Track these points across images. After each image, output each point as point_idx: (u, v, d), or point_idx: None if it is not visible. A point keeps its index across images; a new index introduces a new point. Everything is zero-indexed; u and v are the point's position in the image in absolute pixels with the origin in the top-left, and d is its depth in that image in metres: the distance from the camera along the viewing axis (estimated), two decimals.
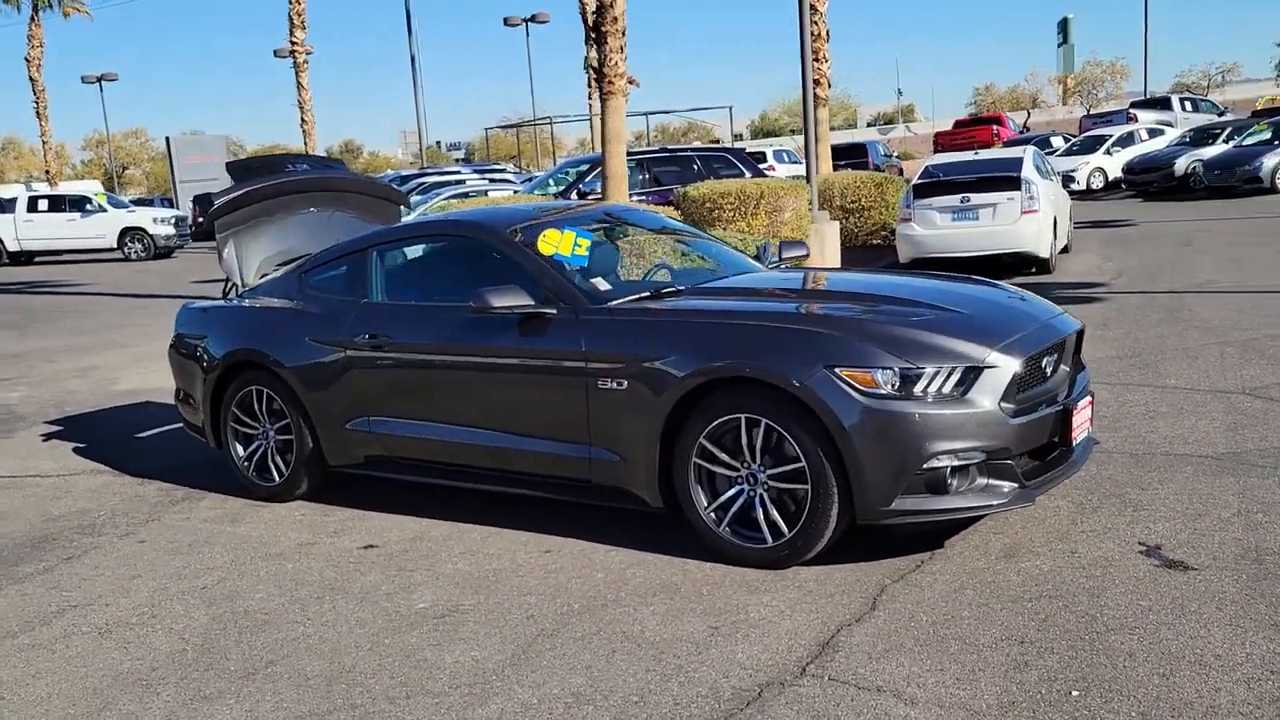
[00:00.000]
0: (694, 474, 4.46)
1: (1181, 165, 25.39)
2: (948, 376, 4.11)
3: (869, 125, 68.17)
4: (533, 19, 41.64)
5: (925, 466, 4.06)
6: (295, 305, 5.83)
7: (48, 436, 8.03)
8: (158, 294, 18.70)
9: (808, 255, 6.17)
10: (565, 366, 4.74)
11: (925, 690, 3.28)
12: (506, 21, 42.03)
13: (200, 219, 37.14)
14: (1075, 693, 3.19)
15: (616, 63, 11.65)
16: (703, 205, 12.67)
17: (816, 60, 18.39)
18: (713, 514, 4.45)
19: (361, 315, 5.49)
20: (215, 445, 6.17)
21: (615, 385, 4.59)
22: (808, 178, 13.62)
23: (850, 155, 28.24)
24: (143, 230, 29.55)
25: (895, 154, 37.30)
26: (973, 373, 4.13)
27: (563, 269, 5.05)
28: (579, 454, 4.77)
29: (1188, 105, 33.09)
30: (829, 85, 18.44)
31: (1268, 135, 24.19)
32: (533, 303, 4.84)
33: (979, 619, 3.74)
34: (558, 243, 5.22)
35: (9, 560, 5.26)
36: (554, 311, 4.83)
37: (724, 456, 4.40)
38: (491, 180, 21.05)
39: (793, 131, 60.19)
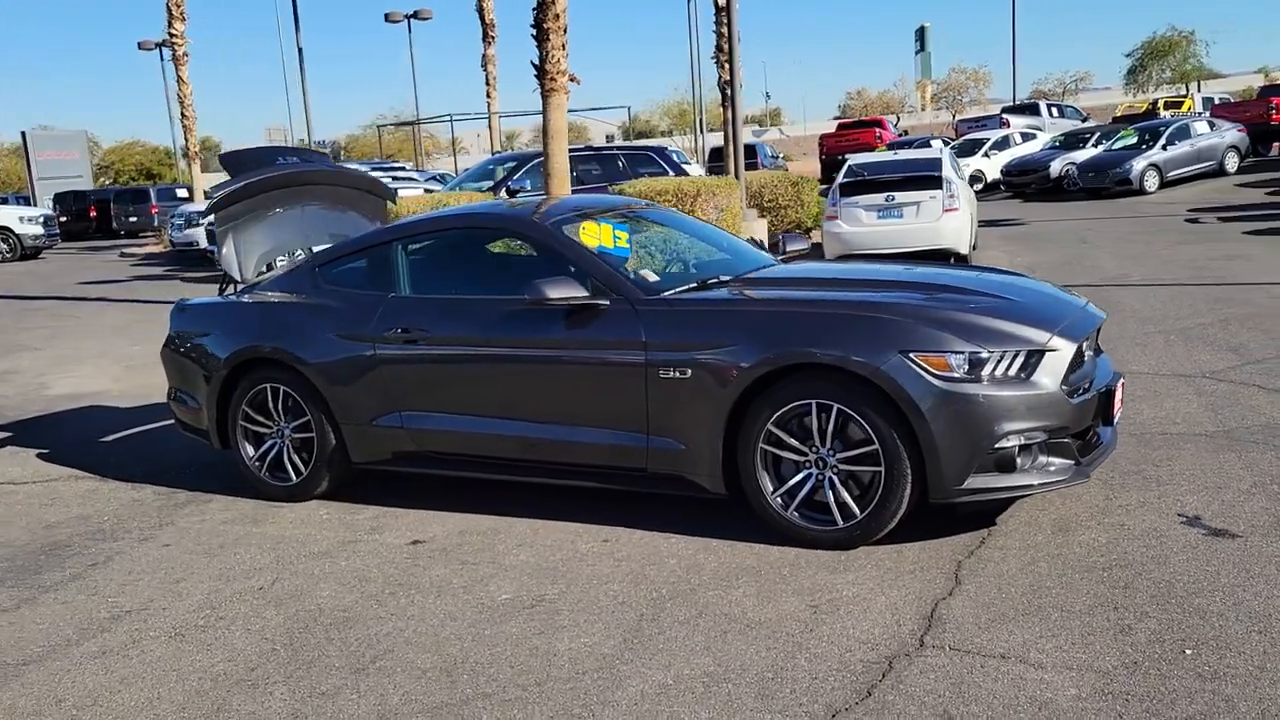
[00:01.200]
0: (760, 459, 4.57)
1: (1056, 168, 26.69)
2: (1013, 360, 4.32)
3: (755, 125, 69.31)
4: (415, 15, 41.02)
5: (997, 446, 4.27)
6: (312, 300, 5.71)
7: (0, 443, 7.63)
8: (44, 295, 17.82)
9: (809, 249, 6.36)
10: (623, 357, 4.79)
11: (1047, 655, 3.47)
12: (388, 18, 41.28)
13: (64, 218, 35.28)
14: (1188, 651, 3.42)
15: (559, 60, 11.65)
16: None
17: (729, 62, 18.70)
18: (779, 499, 4.57)
19: (391, 309, 5.42)
20: (220, 445, 5.99)
21: (678, 374, 4.67)
22: (736, 175, 13.86)
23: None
24: (8, 230, 28.07)
25: (780, 155, 38.11)
26: (1035, 356, 4.35)
27: (611, 261, 5.10)
28: (635, 443, 4.83)
29: (1054, 111, 34.83)
30: (742, 86, 18.76)
31: (1134, 140, 25.63)
32: (587, 294, 4.88)
33: (1064, 589, 3.95)
34: (598, 235, 5.27)
35: (29, 569, 5.02)
36: (607, 303, 4.88)
37: (792, 441, 4.52)
38: (394, 179, 20.71)
39: (668, 133, 60.74)
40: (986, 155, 29.32)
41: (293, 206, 6.51)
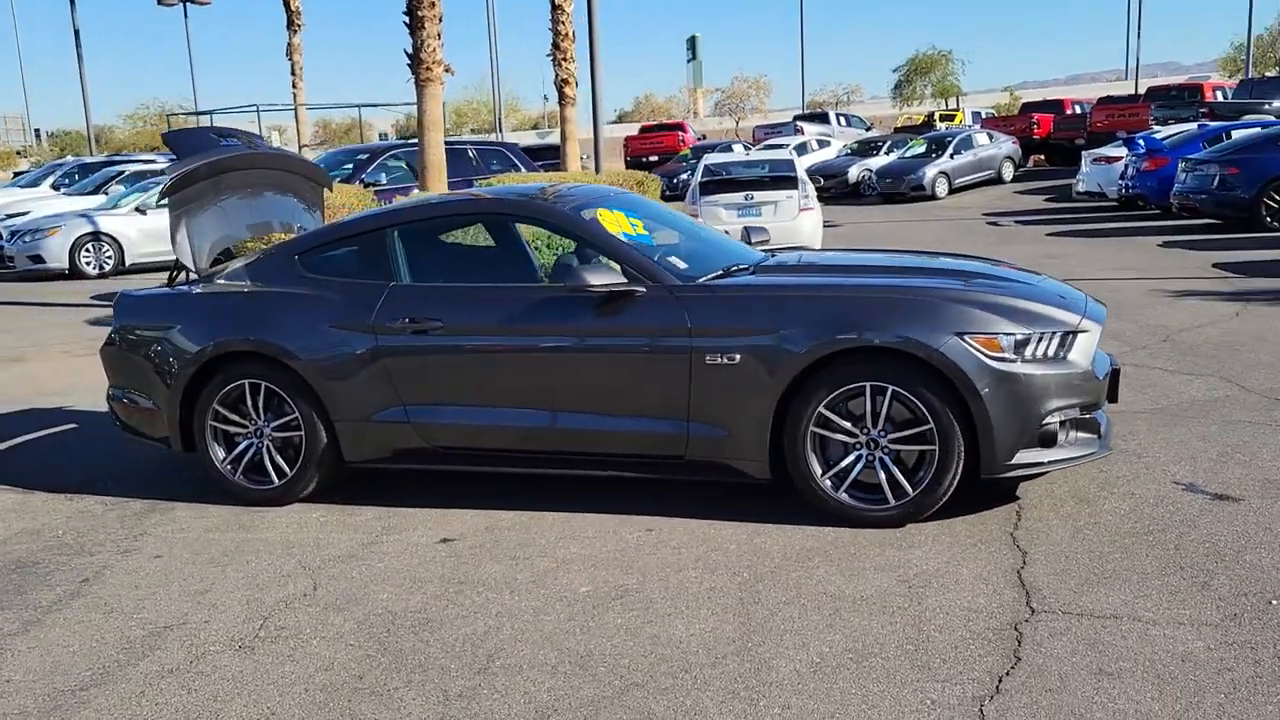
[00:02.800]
0: (810, 442, 4.66)
1: (854, 173, 28.19)
2: (1051, 339, 4.59)
3: (533, 129, 69.24)
4: None
5: (1043, 423, 4.53)
6: (295, 290, 5.36)
7: None
8: None
9: (769, 239, 6.49)
10: (666, 344, 4.76)
11: (1153, 613, 3.71)
12: (161, 1, 38.84)
13: None
14: (1274, 602, 3.75)
15: (434, 49, 11.34)
16: None
17: (565, 61, 18.71)
18: (828, 481, 4.67)
19: (395, 299, 5.16)
20: (182, 449, 5.53)
21: (725, 360, 4.68)
22: (597, 169, 13.91)
23: (548, 155, 28.76)
24: None
25: (583, 155, 38.31)
26: (1070, 336, 4.63)
27: (640, 248, 5.06)
28: (674, 430, 4.81)
29: (842, 120, 36.77)
30: (576, 86, 18.80)
31: (923, 150, 27.40)
32: (625, 281, 4.82)
33: (1123, 554, 4.23)
34: (617, 223, 5.22)
35: (7, 589, 4.49)
36: (643, 289, 4.84)
37: (843, 423, 4.63)
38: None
39: (452, 131, 59.95)
40: None
41: (243, 191, 6.09)
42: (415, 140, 17.69)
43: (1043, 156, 31.87)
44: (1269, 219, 15.45)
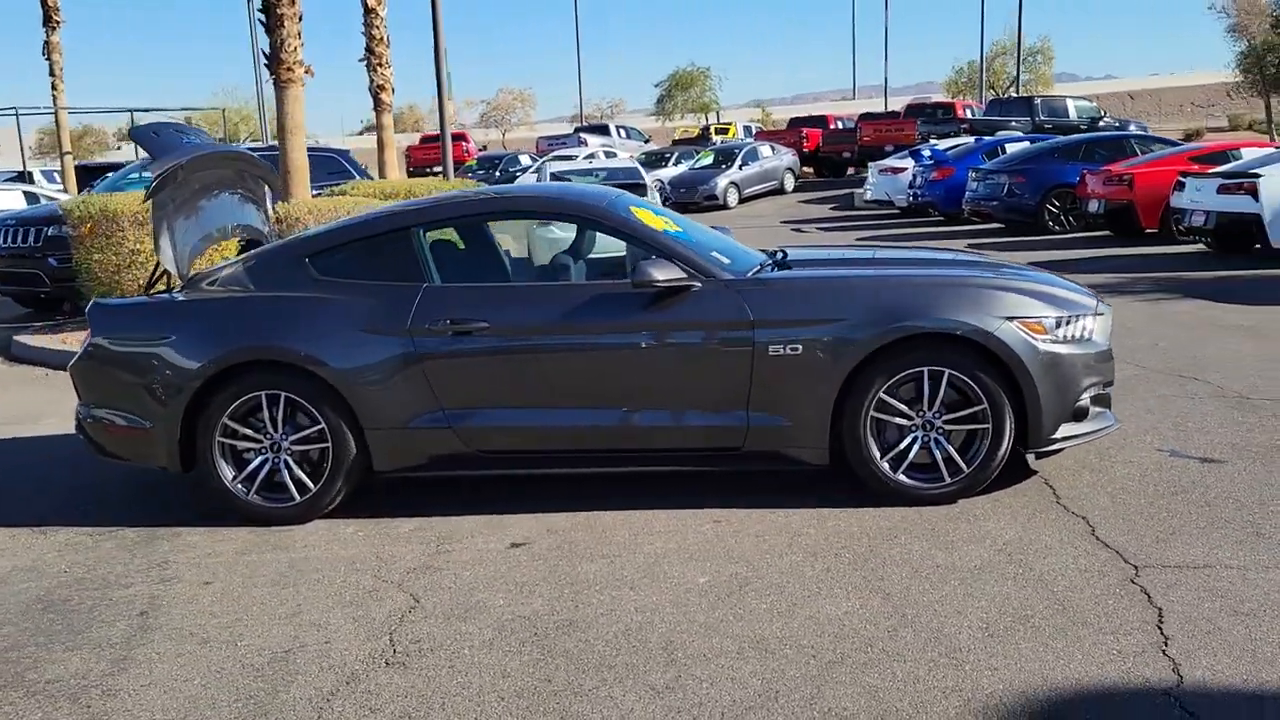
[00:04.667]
0: (869, 427, 4.87)
1: (647, 183, 28.75)
2: (1080, 321, 4.99)
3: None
4: None
5: (1079, 399, 4.93)
6: (311, 295, 5.06)
7: None
8: None
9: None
10: (727, 336, 4.84)
11: (1234, 559, 4.12)
12: None
13: None
14: None
15: (295, 48, 10.79)
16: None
17: (381, 66, 18.24)
18: (887, 463, 4.90)
19: (431, 300, 4.98)
20: (181, 469, 5.10)
21: (788, 351, 4.82)
22: (446, 175, 13.67)
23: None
24: None
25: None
26: (1092, 318, 5.06)
27: (687, 244, 5.12)
28: (733, 422, 4.90)
29: (622, 132, 37.50)
30: (393, 93, 18.33)
31: (712, 161, 28.43)
32: (685, 276, 4.88)
33: (1169, 512, 4.66)
34: (654, 221, 5.26)
35: (60, 630, 4.03)
36: (698, 284, 4.90)
37: (900, 407, 4.87)
38: None
39: None
40: None
41: (210, 192, 5.68)
42: (270, 147, 16.74)
43: (811, 169, 33.72)
44: (1050, 223, 17.09)
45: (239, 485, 5.05)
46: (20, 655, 3.82)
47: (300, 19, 10.89)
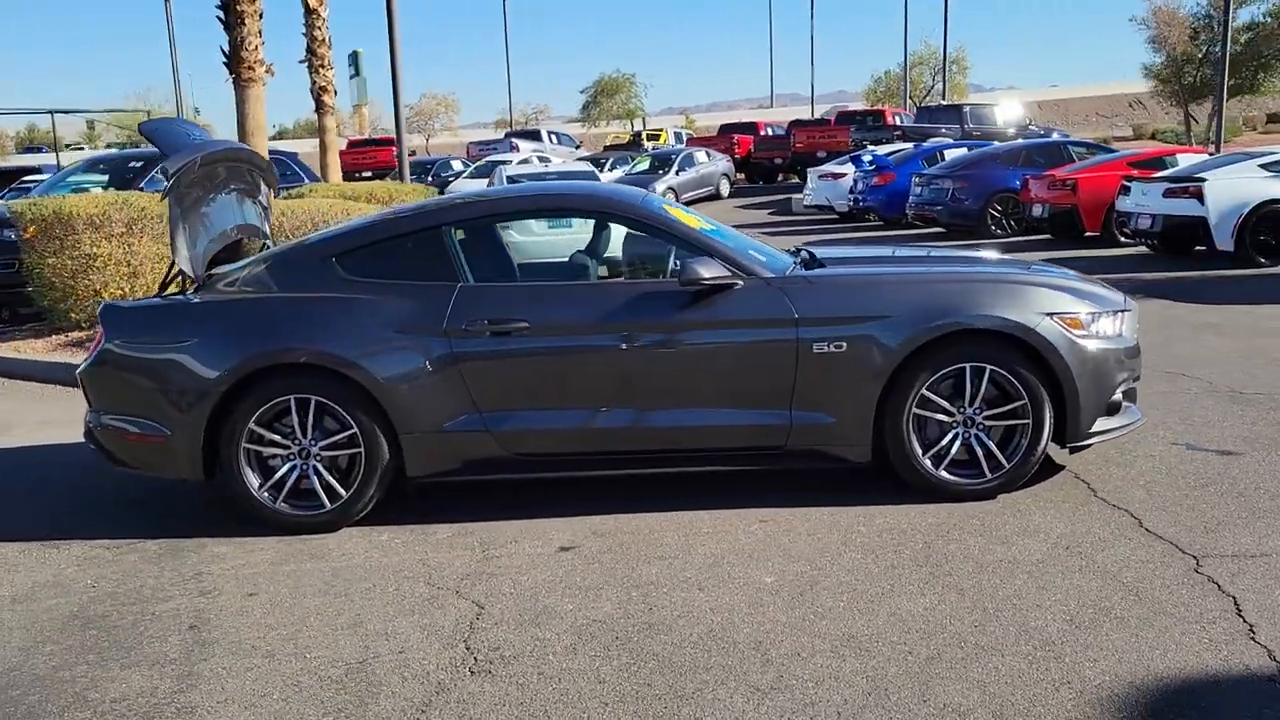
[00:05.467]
0: (911, 424, 4.88)
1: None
2: (1112, 317, 5.07)
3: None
4: None
5: (1115, 393, 5.00)
6: (340, 295, 4.90)
7: None
8: None
9: None
10: (772, 334, 4.80)
11: None
12: None
13: None
14: None
15: (256, 47, 10.51)
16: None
17: (322, 68, 17.92)
18: (928, 460, 4.91)
19: (468, 299, 4.85)
20: (204, 477, 4.90)
21: (834, 348, 4.80)
22: (402, 178, 13.43)
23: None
24: None
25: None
26: (1121, 314, 5.14)
27: (726, 242, 5.09)
28: (776, 420, 4.86)
29: (554, 138, 37.33)
30: (335, 94, 17.99)
31: (648, 166, 28.46)
32: (729, 274, 4.83)
33: (1207, 503, 4.73)
34: (685, 217, 5.22)
35: (106, 647, 3.82)
36: (740, 282, 4.87)
37: (942, 403, 4.88)
38: None
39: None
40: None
41: (222, 189, 5.47)
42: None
43: (742, 175, 33.98)
44: (993, 227, 17.44)
45: (265, 493, 4.86)
46: (74, 675, 3.61)
47: (261, 16, 10.61)
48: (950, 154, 20.14)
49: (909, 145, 22.87)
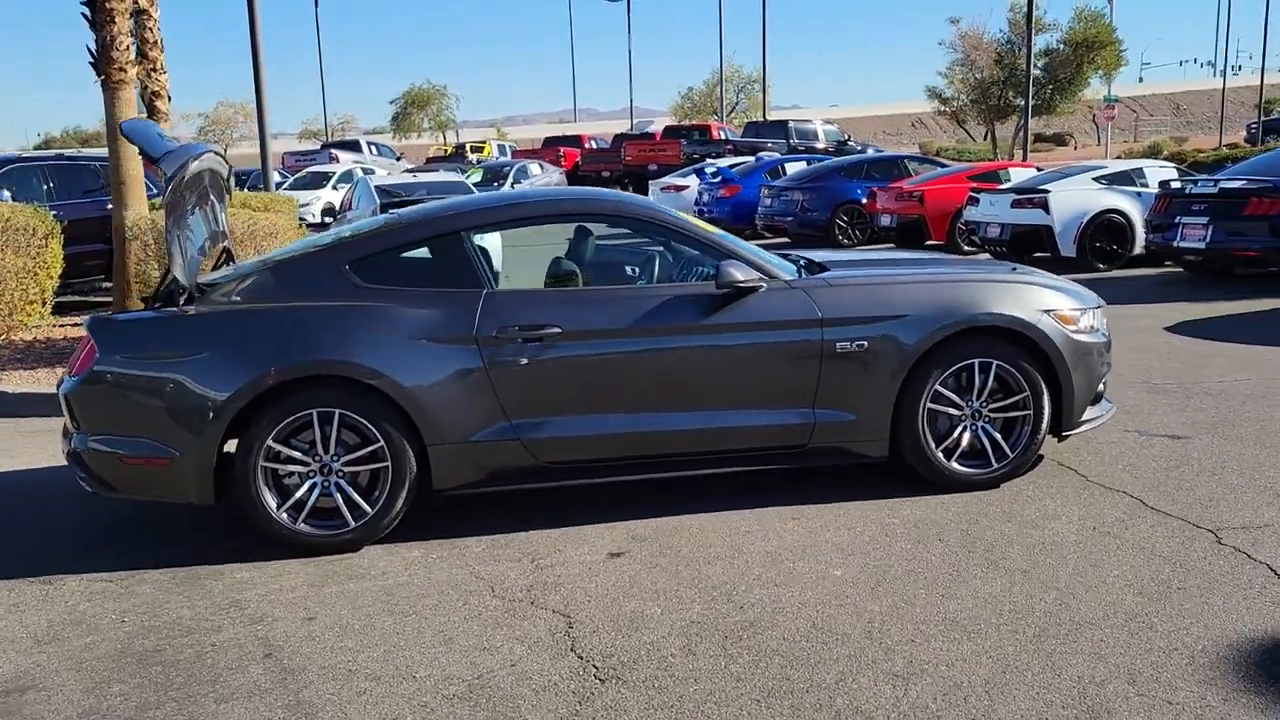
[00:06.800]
0: (925, 418, 5.08)
1: None
2: (1093, 313, 5.43)
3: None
4: None
5: (1100, 385, 5.36)
6: (362, 304, 4.70)
7: None
8: None
9: None
10: (800, 335, 4.91)
11: None
12: None
13: None
14: None
15: (126, 47, 9.80)
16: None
17: (155, 72, 16.88)
18: (941, 453, 5.13)
19: (496, 306, 4.75)
20: (214, 500, 4.60)
21: (856, 347, 4.96)
22: (267, 186, 12.86)
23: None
24: None
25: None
26: (1098, 310, 5.51)
27: (746, 246, 5.16)
28: (799, 419, 4.98)
29: (374, 149, 36.41)
30: (169, 101, 16.97)
31: (481, 178, 28.20)
32: (757, 277, 4.91)
33: (1190, 482, 5.10)
34: (702, 224, 5.27)
35: (181, 685, 3.53)
36: (765, 285, 4.96)
37: (953, 397, 5.11)
38: None
39: None
40: (335, 188, 29.73)
41: (203, 195, 5.15)
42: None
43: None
44: (840, 236, 18.20)
45: (284, 514, 4.60)
46: (164, 713, 3.32)
47: (131, 15, 9.95)
48: (791, 167, 20.87)
49: (750, 158, 23.53)
